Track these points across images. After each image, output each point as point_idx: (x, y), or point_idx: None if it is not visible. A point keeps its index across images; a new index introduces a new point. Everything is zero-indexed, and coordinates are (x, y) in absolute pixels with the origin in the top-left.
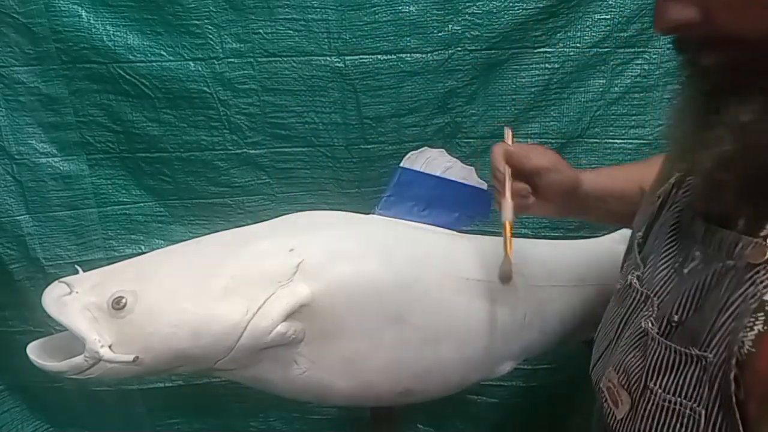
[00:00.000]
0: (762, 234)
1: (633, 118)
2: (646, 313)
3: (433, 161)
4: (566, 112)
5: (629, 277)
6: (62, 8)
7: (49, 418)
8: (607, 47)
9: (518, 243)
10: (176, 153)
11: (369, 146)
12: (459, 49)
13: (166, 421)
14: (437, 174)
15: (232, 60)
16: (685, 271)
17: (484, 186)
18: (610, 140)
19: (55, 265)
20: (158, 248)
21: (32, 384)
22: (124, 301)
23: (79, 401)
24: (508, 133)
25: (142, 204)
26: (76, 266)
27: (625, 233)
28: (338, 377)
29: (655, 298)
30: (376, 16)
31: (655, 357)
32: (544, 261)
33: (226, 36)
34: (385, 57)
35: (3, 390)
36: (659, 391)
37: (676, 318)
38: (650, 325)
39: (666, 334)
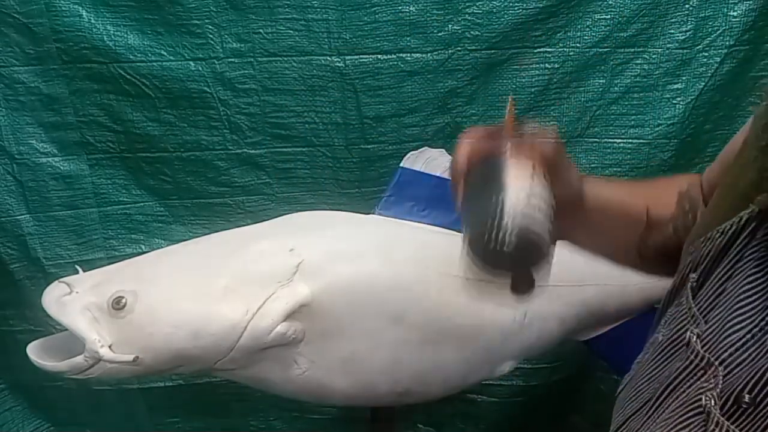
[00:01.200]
0: None
1: (633, 117)
2: (705, 384)
3: (433, 161)
4: (566, 112)
5: (687, 334)
6: (63, 8)
7: (49, 417)
8: (607, 47)
9: None
10: (176, 153)
11: (369, 146)
12: (459, 49)
13: (166, 419)
14: (437, 174)
15: (233, 60)
16: None
17: None
18: (610, 140)
19: (55, 265)
20: (158, 248)
21: (33, 383)
22: (124, 301)
23: (79, 400)
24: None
25: (142, 204)
26: (77, 266)
27: None
28: (338, 377)
29: (721, 368)
30: (376, 16)
31: None
32: None
33: (226, 36)
34: (385, 57)
35: (4, 389)
36: None
37: (747, 398)
38: (712, 402)
39: (730, 416)
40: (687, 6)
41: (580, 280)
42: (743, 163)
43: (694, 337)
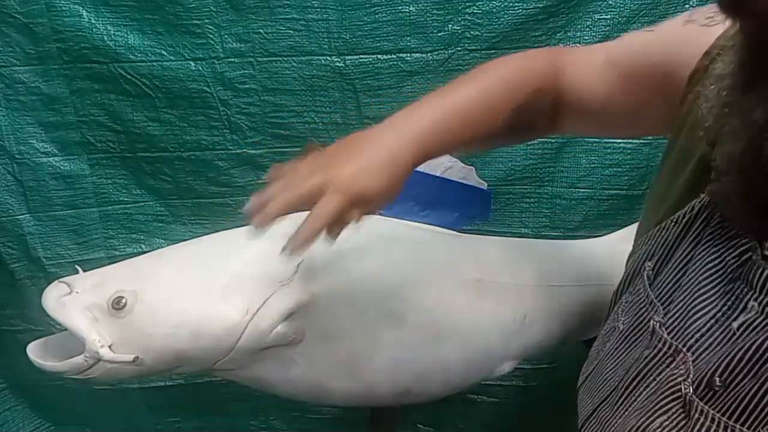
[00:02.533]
0: None
1: None
2: (676, 371)
3: (433, 161)
4: None
5: (650, 322)
6: (63, 8)
7: (50, 417)
8: None
9: (518, 243)
10: (177, 152)
11: None
12: (459, 49)
13: (166, 419)
14: (437, 174)
15: (233, 60)
16: (735, 324)
17: (484, 186)
18: (610, 140)
19: (56, 264)
20: (159, 247)
21: (33, 382)
22: (124, 301)
23: (80, 399)
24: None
25: (142, 203)
26: (76, 266)
27: (628, 233)
28: (338, 377)
29: (689, 354)
30: (376, 16)
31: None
32: (544, 261)
33: (226, 36)
34: (385, 57)
35: (4, 388)
36: None
37: (718, 381)
38: (691, 389)
39: (704, 400)
40: (687, 6)
41: (580, 280)
42: (686, 148)
43: (657, 324)
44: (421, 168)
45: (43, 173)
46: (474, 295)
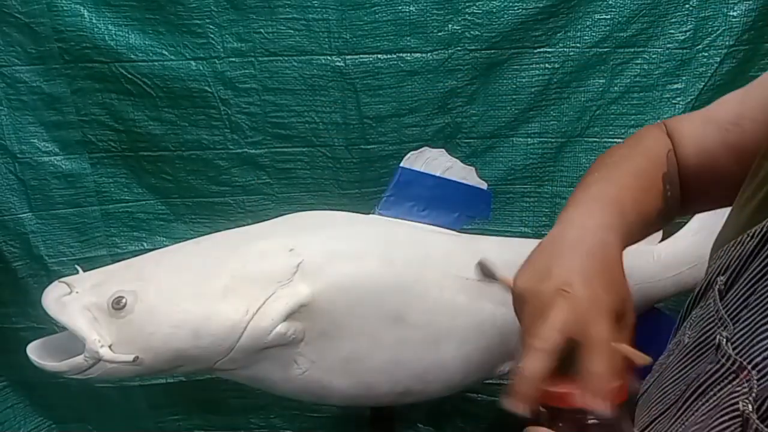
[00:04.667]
0: None
1: (633, 117)
2: (738, 389)
3: (433, 161)
4: (566, 111)
5: (717, 337)
6: (64, 8)
7: (51, 415)
8: (607, 47)
9: (518, 243)
10: (177, 152)
11: (369, 146)
12: (459, 49)
13: (167, 417)
14: (437, 174)
15: (233, 59)
16: None
17: (484, 186)
18: (610, 140)
19: (57, 263)
20: (160, 245)
21: (35, 381)
22: (124, 301)
23: (81, 398)
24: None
25: (143, 202)
26: (76, 266)
27: None
28: (338, 377)
29: (754, 372)
30: (376, 16)
31: None
32: None
33: (227, 35)
34: (385, 57)
35: (6, 386)
36: None
37: None
38: (750, 407)
39: (764, 420)
40: (687, 6)
41: None
42: None
43: (724, 340)
44: (421, 168)
45: (45, 172)
46: (474, 295)
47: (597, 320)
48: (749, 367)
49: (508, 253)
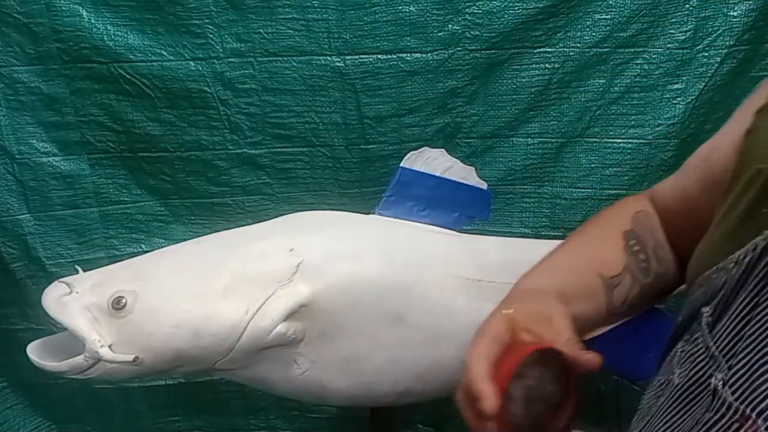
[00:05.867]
0: None
1: (633, 117)
2: None
3: (433, 161)
4: (566, 111)
5: (711, 380)
6: (63, 8)
7: (51, 415)
8: (607, 47)
9: (518, 243)
10: (177, 152)
11: (369, 146)
12: (459, 49)
13: (167, 418)
14: (437, 174)
15: (233, 60)
16: None
17: (484, 186)
18: (610, 140)
19: (56, 264)
20: (159, 247)
21: (34, 381)
22: (124, 301)
23: (81, 398)
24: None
25: (142, 203)
26: (76, 266)
27: None
28: (338, 377)
29: (760, 420)
30: (376, 16)
31: None
32: None
33: (226, 36)
34: (385, 57)
35: (5, 387)
36: None
37: None
38: None
39: None
40: (687, 6)
41: None
42: (746, 179)
43: (720, 383)
44: (421, 168)
45: (43, 173)
46: (474, 295)
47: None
48: (753, 415)
49: (508, 253)
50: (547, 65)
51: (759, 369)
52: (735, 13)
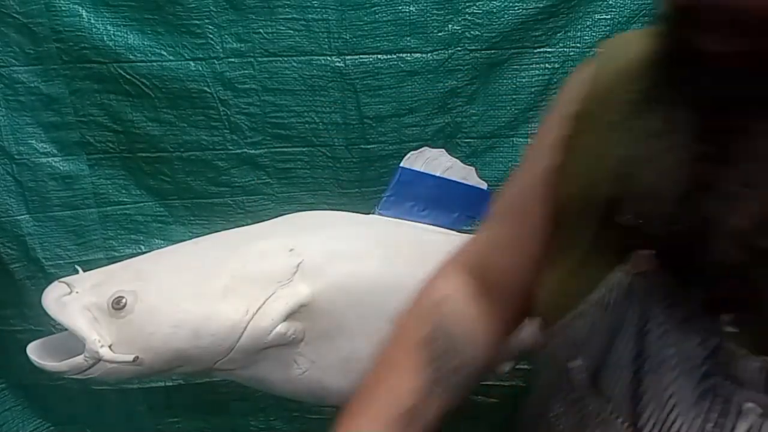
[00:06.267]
0: None
1: None
2: None
3: (433, 161)
4: None
5: None
6: (63, 8)
7: (49, 417)
8: None
9: None
10: (176, 153)
11: (369, 146)
12: (459, 49)
13: (167, 419)
14: (437, 174)
15: (233, 60)
16: None
17: (484, 186)
18: None
19: (55, 265)
20: (158, 248)
21: (33, 382)
22: (124, 301)
23: (80, 400)
24: None
25: (142, 204)
26: (76, 266)
27: None
28: (338, 377)
29: None
30: (376, 16)
31: None
32: None
33: (226, 36)
34: (385, 57)
35: (4, 388)
36: None
37: None
38: None
39: None
40: None
41: None
42: (576, 213)
43: None
44: (421, 168)
45: (43, 174)
46: None
47: None
48: None
49: None
50: (547, 65)
51: (671, 425)
52: None
